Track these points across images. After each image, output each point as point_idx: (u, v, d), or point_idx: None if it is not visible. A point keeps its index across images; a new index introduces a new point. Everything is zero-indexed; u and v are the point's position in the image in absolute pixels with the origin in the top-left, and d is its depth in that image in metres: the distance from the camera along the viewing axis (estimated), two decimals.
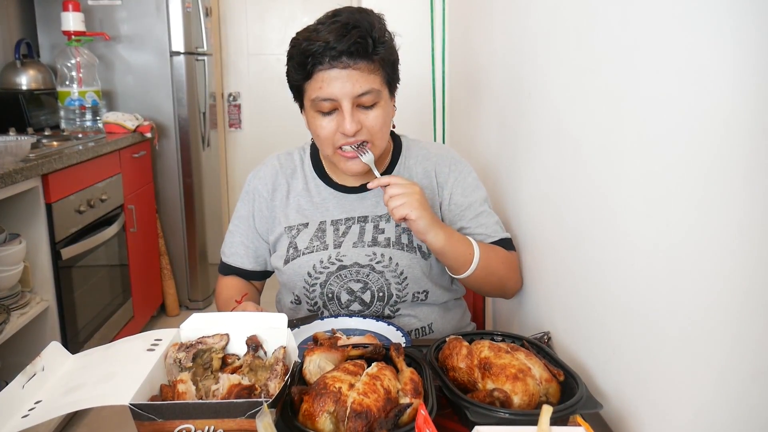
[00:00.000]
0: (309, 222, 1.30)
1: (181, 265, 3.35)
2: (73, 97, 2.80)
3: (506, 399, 0.85)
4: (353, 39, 1.12)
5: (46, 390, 0.81)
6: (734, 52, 0.64)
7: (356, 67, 1.14)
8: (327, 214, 1.31)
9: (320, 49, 1.13)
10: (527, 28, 1.36)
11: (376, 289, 1.27)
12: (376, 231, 1.28)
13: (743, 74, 0.62)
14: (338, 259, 1.27)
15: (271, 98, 4.08)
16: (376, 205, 1.30)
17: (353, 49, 1.12)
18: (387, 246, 1.27)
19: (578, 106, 1.06)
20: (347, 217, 1.30)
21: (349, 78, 1.14)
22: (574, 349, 1.08)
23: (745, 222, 0.62)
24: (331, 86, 1.14)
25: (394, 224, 1.29)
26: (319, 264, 1.27)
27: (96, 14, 3.03)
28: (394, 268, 1.26)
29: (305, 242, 1.29)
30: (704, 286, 0.69)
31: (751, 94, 0.61)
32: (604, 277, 0.96)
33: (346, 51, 1.12)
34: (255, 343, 0.94)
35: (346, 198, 1.31)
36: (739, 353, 0.64)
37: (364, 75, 1.14)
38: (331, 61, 1.13)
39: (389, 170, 1.33)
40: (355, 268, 1.26)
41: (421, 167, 1.33)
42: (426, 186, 1.31)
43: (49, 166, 2.06)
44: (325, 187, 1.33)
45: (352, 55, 1.13)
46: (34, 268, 2.13)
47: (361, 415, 0.76)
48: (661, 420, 0.79)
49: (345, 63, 1.13)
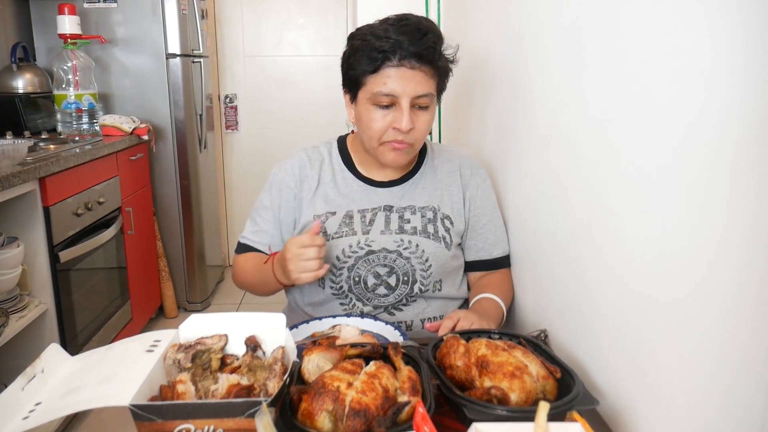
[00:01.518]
0: (336, 210, 1.34)
1: (179, 267, 3.35)
2: (70, 100, 2.80)
3: (503, 397, 0.86)
4: (428, 44, 1.20)
5: (46, 392, 0.81)
6: (728, 51, 0.64)
7: (422, 70, 1.21)
8: (354, 204, 1.35)
9: (394, 47, 1.19)
10: (522, 27, 1.37)
11: (402, 274, 1.32)
12: (401, 221, 1.33)
13: (737, 74, 0.63)
14: (367, 245, 1.31)
15: (268, 100, 4.08)
16: (402, 198, 1.36)
17: (425, 53, 1.19)
18: (414, 234, 1.33)
19: (573, 105, 1.06)
20: (373, 206, 1.35)
21: (413, 78, 1.20)
22: (571, 346, 1.09)
23: (740, 220, 0.63)
24: (395, 83, 1.20)
25: (420, 215, 1.35)
26: (348, 248, 1.31)
27: (92, 17, 3.03)
28: (421, 254, 1.31)
29: (334, 228, 1.32)
30: (699, 283, 0.70)
31: (744, 93, 0.62)
32: (600, 274, 0.97)
33: (417, 53, 1.19)
34: (253, 343, 0.94)
35: (374, 191, 1.36)
36: (734, 349, 0.65)
37: (426, 78, 1.22)
38: (402, 60, 1.20)
39: (417, 168, 1.39)
40: (383, 253, 1.31)
41: (446, 167, 1.41)
42: (450, 183, 1.40)
43: (46, 169, 2.06)
44: (354, 179, 1.37)
45: (421, 59, 1.20)
46: (32, 271, 2.13)
47: (359, 414, 0.76)
48: (657, 415, 0.80)
49: (413, 64, 1.20)
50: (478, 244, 1.40)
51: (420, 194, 1.37)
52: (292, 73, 4.07)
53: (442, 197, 1.38)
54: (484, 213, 1.40)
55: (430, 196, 1.37)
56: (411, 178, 1.38)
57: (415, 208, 1.35)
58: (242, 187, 4.17)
